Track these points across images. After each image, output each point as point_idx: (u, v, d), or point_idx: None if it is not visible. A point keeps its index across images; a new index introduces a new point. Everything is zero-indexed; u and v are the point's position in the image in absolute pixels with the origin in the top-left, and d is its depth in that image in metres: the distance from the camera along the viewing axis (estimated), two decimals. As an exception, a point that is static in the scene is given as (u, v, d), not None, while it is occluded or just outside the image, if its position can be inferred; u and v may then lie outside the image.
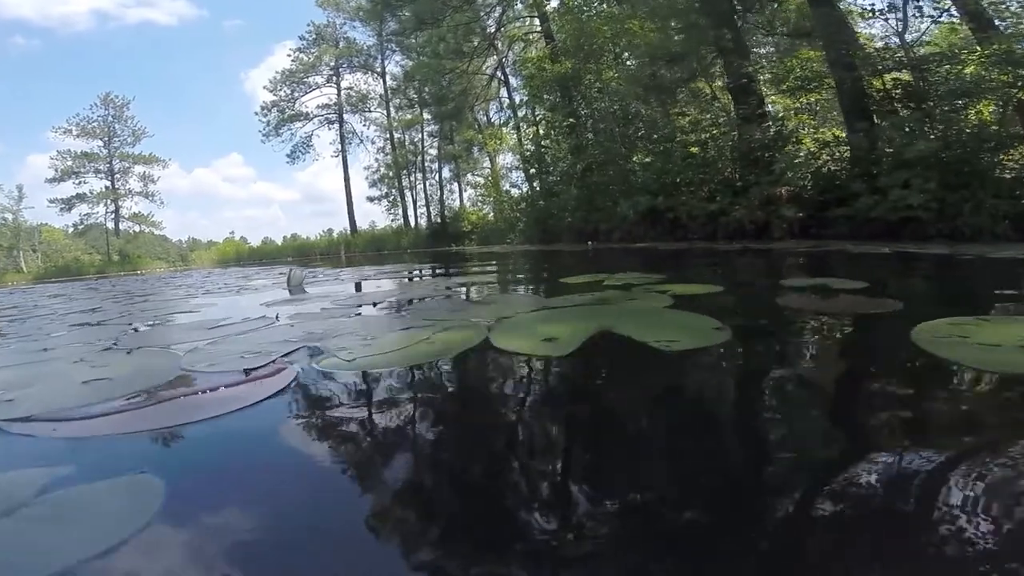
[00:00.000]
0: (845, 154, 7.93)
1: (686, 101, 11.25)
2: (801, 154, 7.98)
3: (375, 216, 52.87)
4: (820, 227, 7.29)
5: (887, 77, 7.49)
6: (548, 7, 16.29)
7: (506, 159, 25.27)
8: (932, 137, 6.29)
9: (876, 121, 7.41)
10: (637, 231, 10.16)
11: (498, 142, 24.44)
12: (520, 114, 21.12)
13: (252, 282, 6.30)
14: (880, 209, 6.41)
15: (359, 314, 2.73)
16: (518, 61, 17.68)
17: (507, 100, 22.95)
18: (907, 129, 6.56)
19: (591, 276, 3.69)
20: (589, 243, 11.06)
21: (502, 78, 22.46)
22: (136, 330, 2.88)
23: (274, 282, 5.88)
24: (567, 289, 3.12)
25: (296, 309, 3.00)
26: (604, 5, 12.62)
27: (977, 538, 0.61)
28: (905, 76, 7.42)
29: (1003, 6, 7.00)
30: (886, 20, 7.78)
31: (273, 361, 1.64)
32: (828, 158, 8.01)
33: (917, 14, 7.64)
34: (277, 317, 2.66)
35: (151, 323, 3.17)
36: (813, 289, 2.71)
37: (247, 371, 1.55)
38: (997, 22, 6.99)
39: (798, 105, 8.88)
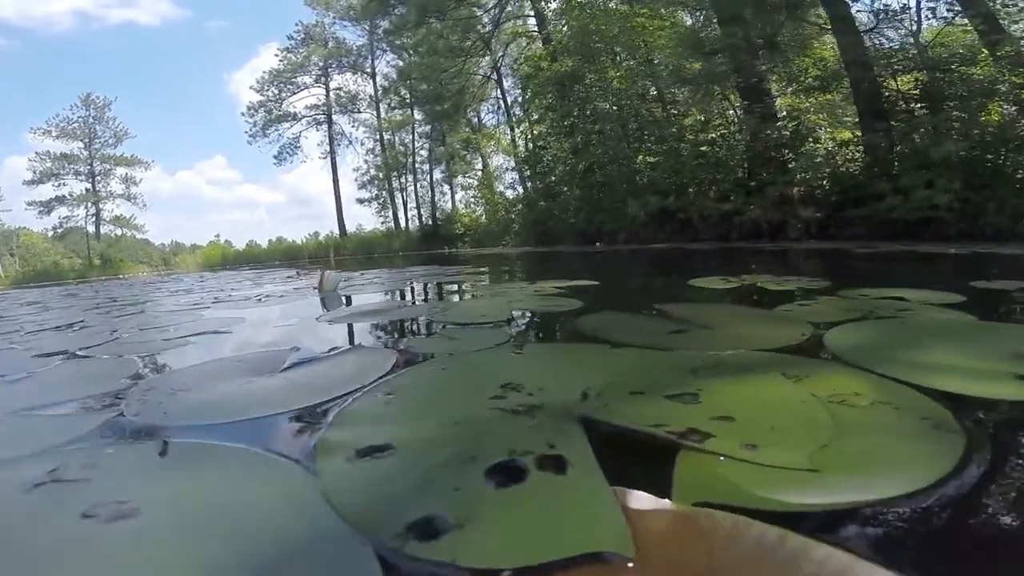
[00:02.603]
0: (858, 154, 7.91)
1: (695, 100, 11.16)
2: (820, 154, 7.92)
3: (363, 219, 52.72)
4: (837, 227, 7.20)
5: (905, 78, 7.50)
6: (547, 11, 16.19)
7: (500, 161, 25.11)
8: (956, 137, 6.25)
9: (891, 122, 7.38)
10: (646, 232, 10.02)
11: (492, 143, 24.17)
12: (514, 115, 20.98)
13: (261, 287, 5.44)
14: (901, 209, 6.35)
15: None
16: (518, 59, 17.43)
17: (501, 101, 22.84)
18: (932, 129, 6.55)
19: (724, 280, 3.05)
20: (596, 244, 10.92)
21: (496, 79, 22.26)
22: (156, 367, 1.73)
23: (294, 288, 4.91)
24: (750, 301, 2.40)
25: (382, 321, 2.39)
26: (612, 3, 12.47)
27: None
28: (921, 77, 7.40)
29: (1013, 7, 7.00)
30: (900, 22, 7.84)
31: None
32: (847, 158, 7.97)
33: (930, 15, 7.69)
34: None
35: (175, 366, 1.76)
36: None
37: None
38: (1004, 23, 6.99)
39: (807, 105, 8.80)
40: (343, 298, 3.74)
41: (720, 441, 0.78)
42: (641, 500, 0.65)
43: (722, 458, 0.74)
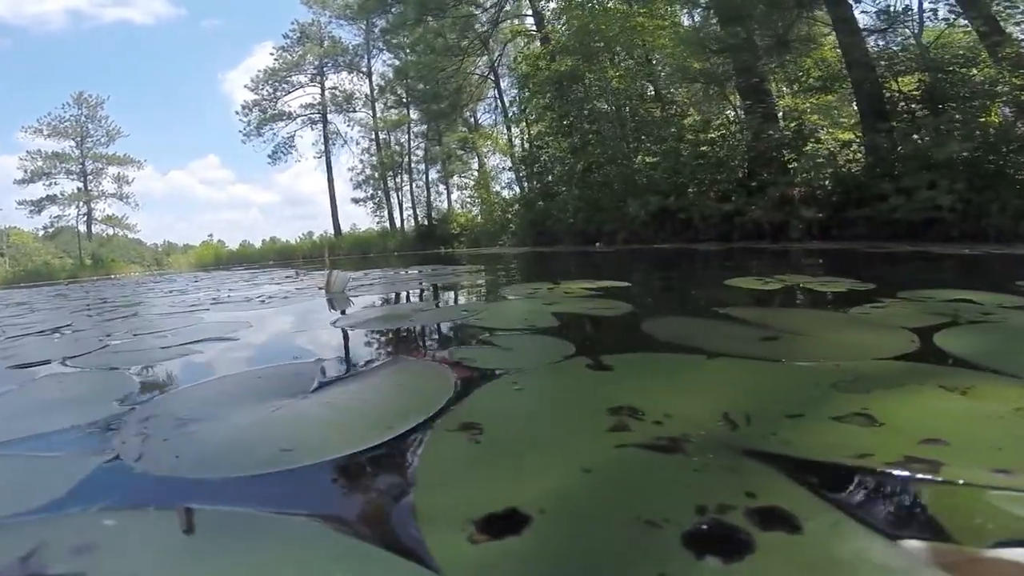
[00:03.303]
0: (859, 155, 7.90)
1: (699, 99, 11.18)
2: (823, 154, 7.88)
3: (357, 219, 52.43)
4: (840, 228, 7.19)
5: (906, 79, 7.50)
6: (546, 10, 16.17)
7: (496, 161, 24.93)
8: (960, 137, 6.27)
9: (893, 122, 7.38)
10: (645, 232, 9.94)
11: (489, 143, 23.96)
12: (511, 114, 20.84)
13: (261, 288, 5.16)
14: (904, 210, 6.35)
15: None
16: (516, 58, 17.34)
17: (497, 101, 22.74)
18: (936, 130, 6.56)
19: (761, 281, 2.90)
20: (596, 244, 10.81)
21: (493, 79, 22.11)
22: (156, 385, 1.44)
23: (297, 288, 4.69)
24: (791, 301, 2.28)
25: (411, 326, 2.19)
26: (610, 3, 12.39)
27: None
28: (923, 78, 7.38)
29: (1014, 8, 6.99)
30: (903, 24, 7.85)
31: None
32: (848, 159, 7.95)
33: (932, 17, 7.66)
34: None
35: (179, 382, 1.48)
36: None
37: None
38: (1004, 24, 7.00)
39: (807, 105, 8.76)
40: (352, 300, 3.46)
41: (960, 469, 0.65)
42: (935, 552, 0.51)
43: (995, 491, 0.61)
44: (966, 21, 7.32)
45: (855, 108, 8.32)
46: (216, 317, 2.88)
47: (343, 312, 2.87)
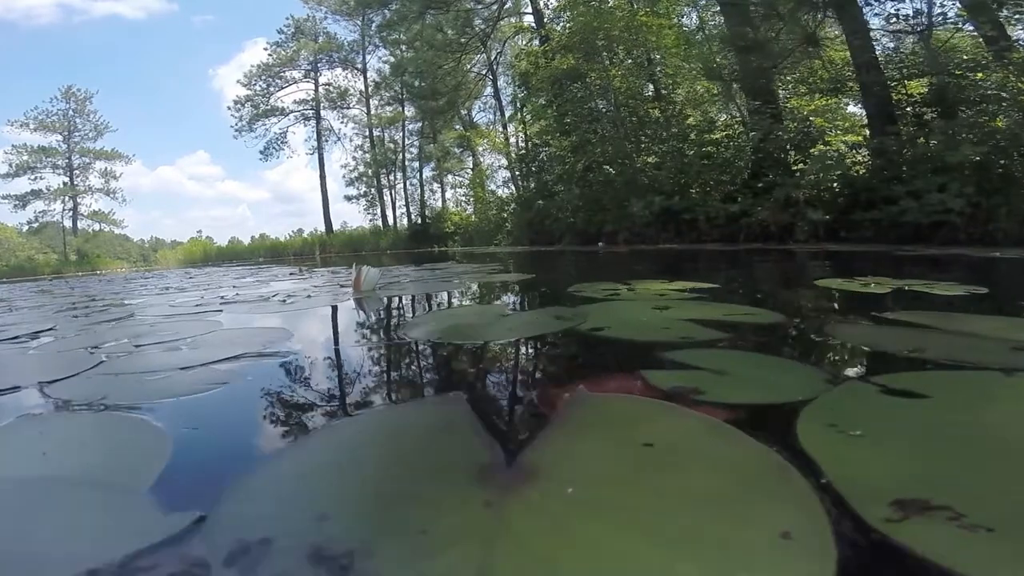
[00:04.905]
0: (866, 158, 7.87)
1: (700, 100, 11.34)
2: (832, 156, 7.80)
3: (347, 216, 51.81)
4: (847, 230, 7.14)
5: (914, 82, 7.53)
6: (547, 9, 16.13)
7: (491, 159, 24.62)
8: (973, 141, 6.26)
9: (900, 125, 7.42)
10: (648, 233, 9.81)
11: (485, 141, 23.63)
12: (508, 113, 20.69)
13: (268, 285, 4.58)
14: (914, 213, 6.32)
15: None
16: (517, 55, 17.12)
17: (493, 99, 22.68)
18: (949, 133, 6.52)
19: (861, 284, 2.48)
20: (599, 244, 10.68)
21: (491, 77, 21.82)
22: (196, 448, 0.88)
23: (314, 286, 4.24)
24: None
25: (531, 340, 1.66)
26: (611, 1, 12.33)
27: None
28: (932, 81, 7.41)
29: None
30: (912, 28, 7.88)
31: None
32: (855, 161, 7.93)
33: (941, 20, 7.66)
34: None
35: (239, 448, 0.91)
36: None
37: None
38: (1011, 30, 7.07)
39: (812, 107, 8.70)
40: (384, 300, 2.96)
41: None
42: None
43: None
44: (972, 27, 7.35)
45: (860, 110, 8.51)
46: (235, 321, 2.35)
47: (388, 316, 2.42)
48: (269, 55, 28.27)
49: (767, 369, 1.12)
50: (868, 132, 7.96)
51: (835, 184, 7.55)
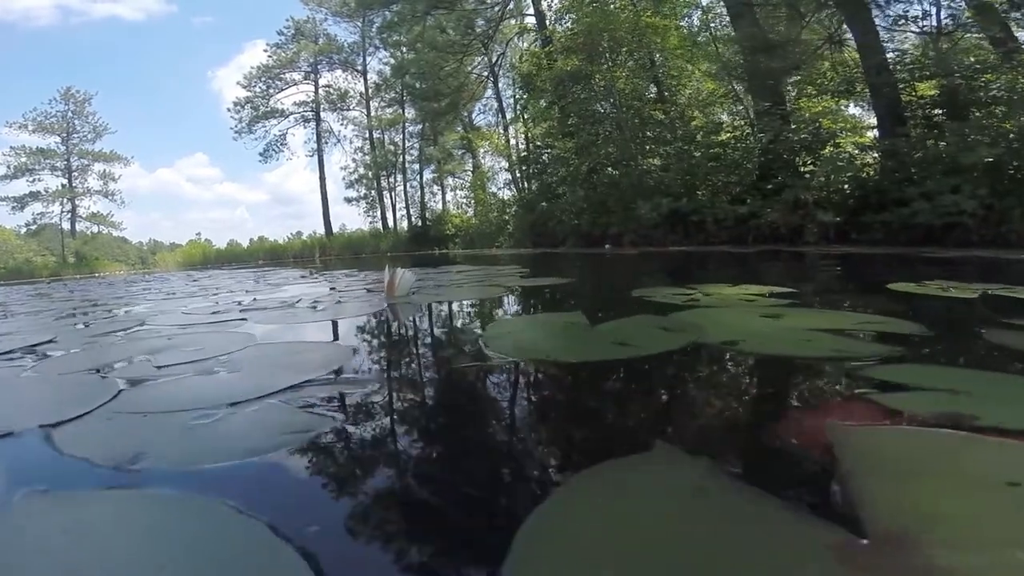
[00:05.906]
0: (875, 159, 7.88)
1: (706, 103, 11.48)
2: (843, 157, 7.82)
3: (346, 219, 51.72)
4: (858, 232, 7.13)
5: (924, 84, 7.53)
6: (549, 11, 16.11)
7: (492, 162, 24.55)
8: (987, 142, 6.24)
9: (911, 126, 7.44)
10: (655, 234, 9.81)
11: (486, 143, 23.59)
12: (510, 115, 20.60)
13: (285, 290, 4.21)
14: (926, 214, 6.32)
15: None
16: (520, 56, 17.04)
17: (494, 102, 22.71)
18: (963, 134, 6.51)
19: (938, 288, 2.27)
20: (606, 246, 10.67)
21: (492, 79, 21.75)
22: None
23: (336, 289, 3.98)
24: None
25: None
26: (615, 4, 12.28)
27: None
28: (942, 83, 7.42)
29: None
30: (921, 29, 7.92)
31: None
32: (870, 162, 7.93)
33: (951, 23, 7.71)
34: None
35: None
36: None
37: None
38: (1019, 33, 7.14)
39: (820, 109, 8.73)
40: (423, 306, 2.72)
41: None
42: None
43: None
44: (979, 30, 7.39)
45: (862, 112, 8.65)
46: (268, 333, 2.02)
47: (449, 325, 2.24)
48: (269, 57, 28.27)
49: (1009, 386, 0.96)
50: (873, 134, 8.05)
51: (845, 186, 7.53)
